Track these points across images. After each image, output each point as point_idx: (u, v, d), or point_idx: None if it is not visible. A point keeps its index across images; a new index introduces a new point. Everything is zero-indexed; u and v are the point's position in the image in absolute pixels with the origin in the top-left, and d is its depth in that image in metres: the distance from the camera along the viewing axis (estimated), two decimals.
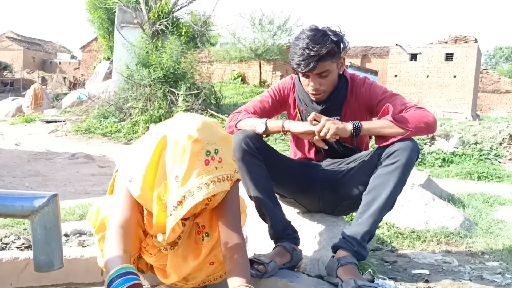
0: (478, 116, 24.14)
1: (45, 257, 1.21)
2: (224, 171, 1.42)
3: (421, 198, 3.09)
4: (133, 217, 1.55)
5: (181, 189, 1.39)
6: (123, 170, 1.58)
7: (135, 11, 13.03)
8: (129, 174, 1.53)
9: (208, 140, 1.41)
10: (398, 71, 26.58)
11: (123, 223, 1.51)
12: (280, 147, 7.72)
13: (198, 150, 1.38)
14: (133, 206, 1.55)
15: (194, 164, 1.37)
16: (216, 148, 1.42)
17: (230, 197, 1.59)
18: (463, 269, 2.15)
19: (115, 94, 11.94)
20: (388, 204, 1.80)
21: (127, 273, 1.36)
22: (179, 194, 1.39)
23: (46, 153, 7.09)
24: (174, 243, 1.61)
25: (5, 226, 2.39)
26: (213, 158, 1.40)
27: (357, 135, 1.84)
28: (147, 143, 1.51)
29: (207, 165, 1.38)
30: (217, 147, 1.42)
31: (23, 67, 39.85)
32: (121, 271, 1.35)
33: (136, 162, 1.52)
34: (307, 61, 1.85)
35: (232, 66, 24.90)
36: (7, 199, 1.17)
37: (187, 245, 1.63)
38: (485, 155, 8.08)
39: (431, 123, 1.84)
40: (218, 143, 1.43)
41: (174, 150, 1.41)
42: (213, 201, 1.56)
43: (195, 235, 1.64)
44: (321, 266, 1.93)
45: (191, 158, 1.37)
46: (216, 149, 1.42)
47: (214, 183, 1.38)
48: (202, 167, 1.37)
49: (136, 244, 1.66)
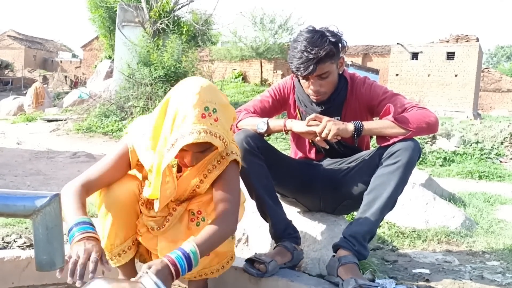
0: (479, 115, 24.12)
1: (47, 257, 1.21)
2: (218, 130, 1.46)
3: (422, 197, 3.10)
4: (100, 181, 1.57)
5: (175, 133, 1.44)
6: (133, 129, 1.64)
7: (136, 10, 13.02)
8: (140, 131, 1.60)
9: (209, 99, 1.47)
10: (399, 70, 26.56)
11: (85, 182, 1.53)
12: (281, 147, 7.72)
13: (198, 103, 1.44)
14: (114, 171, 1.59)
15: (191, 114, 1.43)
16: (215, 107, 1.47)
17: (228, 175, 1.62)
18: (463, 269, 2.15)
19: (116, 93, 11.94)
20: (389, 203, 1.80)
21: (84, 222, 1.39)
22: (173, 137, 1.44)
23: (47, 152, 7.10)
24: (162, 224, 1.62)
25: (7, 225, 2.40)
26: (210, 114, 1.45)
27: (359, 135, 1.84)
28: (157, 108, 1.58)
29: (203, 117, 1.44)
30: (216, 108, 1.47)
31: (24, 66, 39.89)
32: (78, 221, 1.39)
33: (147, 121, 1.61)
34: (306, 64, 1.85)
35: (233, 65, 24.91)
36: (9, 198, 1.17)
37: (178, 230, 1.63)
38: (486, 154, 8.07)
39: (432, 123, 1.84)
40: (218, 106, 1.48)
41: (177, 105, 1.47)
42: (208, 178, 1.60)
43: (188, 222, 1.64)
44: (322, 265, 1.94)
45: (190, 109, 1.44)
46: (215, 108, 1.47)
47: (206, 133, 1.42)
48: (198, 118, 1.43)
49: (133, 222, 1.66)
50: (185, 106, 1.44)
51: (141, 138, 1.59)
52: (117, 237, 1.64)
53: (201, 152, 1.51)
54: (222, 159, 1.62)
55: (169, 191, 1.54)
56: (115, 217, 1.60)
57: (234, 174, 1.64)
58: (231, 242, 1.68)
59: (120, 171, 1.62)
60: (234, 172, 1.65)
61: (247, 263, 1.82)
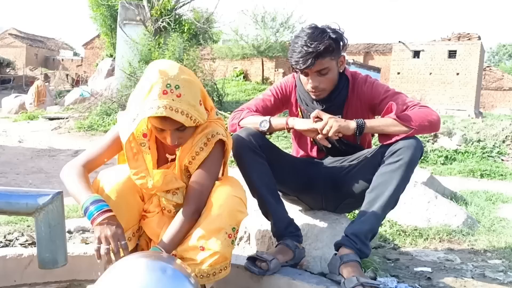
0: (481, 114, 24.08)
1: (49, 254, 1.22)
2: (181, 105, 1.51)
3: (423, 196, 3.09)
4: (99, 161, 1.66)
5: (137, 107, 1.51)
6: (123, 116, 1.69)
7: (138, 8, 13.00)
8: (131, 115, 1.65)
9: (171, 76, 1.52)
10: (401, 68, 26.51)
11: (85, 163, 1.63)
12: (283, 145, 7.72)
13: (159, 81, 1.50)
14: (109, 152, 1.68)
15: (153, 90, 1.50)
16: (177, 84, 1.52)
17: (208, 157, 1.67)
18: (465, 267, 2.15)
19: (118, 91, 11.93)
20: (391, 202, 1.80)
21: (100, 200, 1.48)
22: (135, 112, 1.51)
23: (49, 150, 7.11)
24: (178, 205, 1.66)
25: (9, 223, 2.40)
26: (172, 91, 1.50)
27: (361, 133, 1.83)
28: None
29: (164, 94, 1.49)
30: (178, 84, 1.52)
31: (26, 64, 39.89)
32: (93, 199, 1.47)
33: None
34: (305, 58, 1.85)
35: (235, 63, 24.89)
36: (11, 196, 1.18)
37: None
38: (488, 153, 8.05)
39: (434, 121, 1.83)
40: (181, 82, 1.53)
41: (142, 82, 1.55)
42: (196, 159, 1.66)
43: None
44: (323, 263, 1.94)
45: (152, 85, 1.50)
46: (177, 85, 1.51)
47: (165, 108, 1.47)
48: (159, 94, 1.49)
49: (134, 211, 1.66)
50: (148, 85, 1.51)
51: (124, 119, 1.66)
52: None
53: (178, 130, 1.56)
54: (208, 141, 1.67)
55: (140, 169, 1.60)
56: (114, 207, 1.56)
57: (214, 156, 1.69)
58: (229, 247, 1.60)
59: (115, 152, 1.72)
60: (217, 153, 1.70)
61: (249, 261, 1.83)
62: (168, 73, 1.52)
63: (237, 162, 1.93)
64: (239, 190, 1.66)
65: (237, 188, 1.67)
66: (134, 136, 1.60)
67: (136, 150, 1.61)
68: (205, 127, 1.69)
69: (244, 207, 1.66)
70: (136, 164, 1.60)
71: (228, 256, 1.62)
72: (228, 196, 1.62)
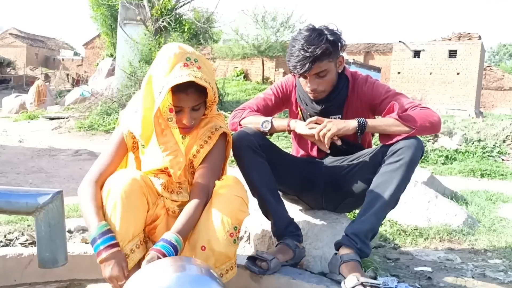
0: (481, 113, 24.06)
1: (49, 254, 1.22)
2: (202, 75, 1.58)
3: (424, 196, 3.09)
4: (110, 171, 1.66)
5: (162, 80, 1.55)
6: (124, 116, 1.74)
7: (138, 8, 13.00)
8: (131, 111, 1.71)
9: (189, 51, 1.62)
10: (401, 68, 26.50)
11: (98, 177, 1.63)
12: (283, 144, 7.72)
13: (179, 56, 1.58)
14: (117, 158, 1.71)
15: (175, 64, 1.57)
16: (195, 58, 1.61)
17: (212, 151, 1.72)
18: (465, 267, 2.15)
19: (118, 91, 11.93)
20: (391, 202, 1.79)
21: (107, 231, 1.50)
22: (160, 85, 1.56)
23: (49, 150, 7.11)
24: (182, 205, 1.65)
25: (9, 223, 2.40)
26: (192, 63, 1.59)
27: (362, 132, 1.83)
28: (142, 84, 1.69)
29: (185, 66, 1.57)
30: (196, 58, 1.61)
31: (26, 64, 39.89)
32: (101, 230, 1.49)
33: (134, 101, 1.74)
34: (303, 63, 1.85)
35: (235, 63, 24.90)
36: (11, 196, 1.18)
37: None
38: (488, 153, 8.06)
39: (435, 122, 1.83)
40: (198, 56, 1.62)
41: (161, 62, 1.59)
42: (201, 152, 1.71)
43: None
44: (323, 263, 1.94)
45: (173, 60, 1.57)
46: (196, 58, 1.61)
47: (190, 76, 1.54)
48: (181, 67, 1.57)
49: (142, 217, 1.61)
50: (167, 60, 1.57)
51: (133, 116, 1.68)
52: (127, 233, 1.55)
53: (195, 111, 1.65)
54: (212, 134, 1.73)
55: (170, 144, 1.59)
56: (122, 213, 1.53)
57: (217, 149, 1.75)
58: (232, 246, 1.59)
59: (122, 157, 1.75)
60: (220, 146, 1.76)
61: (249, 260, 1.82)
62: (186, 48, 1.61)
63: (237, 161, 1.93)
64: (240, 190, 1.66)
65: (239, 188, 1.67)
66: (161, 111, 1.58)
67: (164, 126, 1.59)
68: (208, 121, 1.75)
69: (246, 206, 1.65)
70: (165, 139, 1.59)
71: (232, 255, 1.61)
72: (229, 196, 1.61)
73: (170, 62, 1.56)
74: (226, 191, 1.63)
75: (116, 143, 1.72)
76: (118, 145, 1.72)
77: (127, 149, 1.74)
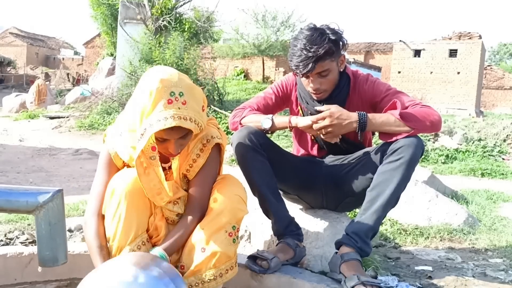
0: (481, 113, 24.05)
1: (50, 252, 1.21)
2: (188, 113, 1.46)
3: (424, 195, 3.09)
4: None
5: (144, 122, 1.45)
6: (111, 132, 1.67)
7: (138, 7, 13.00)
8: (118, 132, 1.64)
9: (174, 84, 1.47)
10: (402, 68, 26.48)
11: (97, 210, 1.58)
12: (283, 144, 7.72)
13: (163, 89, 1.44)
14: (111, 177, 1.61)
15: (157, 101, 1.44)
16: (181, 91, 1.47)
17: (206, 163, 1.65)
18: (466, 266, 2.15)
19: (118, 90, 11.94)
20: (392, 200, 1.79)
21: None
22: (142, 127, 1.45)
23: (49, 149, 7.11)
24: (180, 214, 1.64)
25: (9, 222, 2.40)
26: (176, 99, 1.46)
27: (363, 130, 1.82)
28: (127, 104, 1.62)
29: (169, 103, 1.44)
30: (182, 91, 1.47)
31: (27, 63, 39.90)
32: None
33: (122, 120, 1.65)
34: (305, 62, 1.84)
35: (235, 62, 24.88)
36: (11, 194, 1.18)
37: None
38: (488, 152, 8.06)
39: (436, 121, 1.83)
40: (184, 89, 1.48)
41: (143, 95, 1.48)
42: (194, 167, 1.64)
43: None
44: (324, 262, 1.94)
45: (156, 96, 1.44)
46: (181, 92, 1.47)
47: (173, 118, 1.42)
48: (164, 104, 1.44)
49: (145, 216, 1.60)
50: (149, 96, 1.45)
51: (119, 139, 1.62)
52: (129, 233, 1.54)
53: (182, 138, 1.53)
54: (204, 146, 1.64)
55: (153, 183, 1.53)
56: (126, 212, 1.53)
57: (211, 161, 1.67)
58: (231, 245, 1.59)
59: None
60: (214, 157, 1.68)
61: (250, 259, 1.82)
62: (169, 81, 1.46)
63: (238, 160, 1.92)
64: (238, 188, 1.65)
65: (236, 186, 1.66)
66: (143, 151, 1.50)
67: (146, 165, 1.52)
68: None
69: (244, 204, 1.64)
70: (148, 178, 1.52)
71: (232, 255, 1.60)
72: (227, 195, 1.61)
73: (152, 97, 1.44)
74: (223, 190, 1.62)
75: (105, 167, 1.66)
76: (108, 167, 1.66)
77: (117, 167, 1.66)
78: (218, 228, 1.56)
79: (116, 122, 1.70)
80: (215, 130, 1.69)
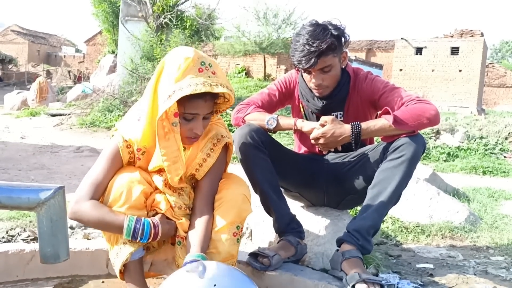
0: (483, 111, 24.01)
1: (51, 249, 1.21)
2: (218, 80, 1.48)
3: (426, 193, 3.09)
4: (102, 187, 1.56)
5: (173, 85, 1.44)
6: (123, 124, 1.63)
7: (140, 4, 12.98)
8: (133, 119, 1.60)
9: (203, 56, 1.50)
10: (403, 65, 26.45)
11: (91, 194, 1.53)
12: (285, 141, 7.71)
13: (193, 60, 1.46)
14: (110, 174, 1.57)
15: (189, 69, 1.45)
16: (210, 63, 1.49)
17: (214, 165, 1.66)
18: (467, 264, 2.14)
19: (120, 87, 11.94)
20: (393, 198, 1.79)
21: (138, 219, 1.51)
22: (171, 89, 1.43)
23: (51, 146, 7.11)
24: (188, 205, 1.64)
25: (11, 219, 2.40)
26: (207, 68, 1.47)
27: (357, 142, 1.83)
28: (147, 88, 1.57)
29: (200, 71, 1.46)
30: (211, 63, 1.50)
31: (28, 60, 39.95)
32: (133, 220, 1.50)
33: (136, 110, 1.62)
34: (308, 57, 1.84)
35: (237, 60, 24.88)
36: (13, 191, 1.18)
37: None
38: (490, 150, 8.05)
39: (432, 117, 1.80)
40: (211, 61, 1.51)
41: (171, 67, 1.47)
42: (204, 166, 1.64)
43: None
44: (325, 259, 1.94)
45: (185, 66, 1.45)
46: (210, 63, 1.49)
47: (204, 85, 1.43)
48: (195, 73, 1.45)
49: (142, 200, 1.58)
50: (178, 65, 1.45)
51: (136, 124, 1.58)
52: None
53: (205, 119, 1.55)
54: (214, 146, 1.65)
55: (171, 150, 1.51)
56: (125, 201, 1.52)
57: (220, 161, 1.69)
58: (235, 245, 1.60)
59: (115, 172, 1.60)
60: (222, 157, 1.70)
61: (251, 257, 1.82)
62: (198, 53, 1.49)
63: (240, 158, 1.92)
64: (243, 187, 1.66)
65: (241, 186, 1.66)
66: (167, 114, 1.48)
67: (168, 129, 1.50)
68: (208, 130, 1.65)
69: (248, 204, 1.65)
70: (168, 144, 1.51)
71: (235, 253, 1.62)
72: (232, 195, 1.61)
73: (183, 66, 1.44)
74: (229, 190, 1.63)
75: (110, 157, 1.59)
76: (112, 159, 1.59)
77: (122, 163, 1.61)
78: (223, 229, 1.57)
79: (132, 110, 1.66)
80: (223, 129, 1.69)
